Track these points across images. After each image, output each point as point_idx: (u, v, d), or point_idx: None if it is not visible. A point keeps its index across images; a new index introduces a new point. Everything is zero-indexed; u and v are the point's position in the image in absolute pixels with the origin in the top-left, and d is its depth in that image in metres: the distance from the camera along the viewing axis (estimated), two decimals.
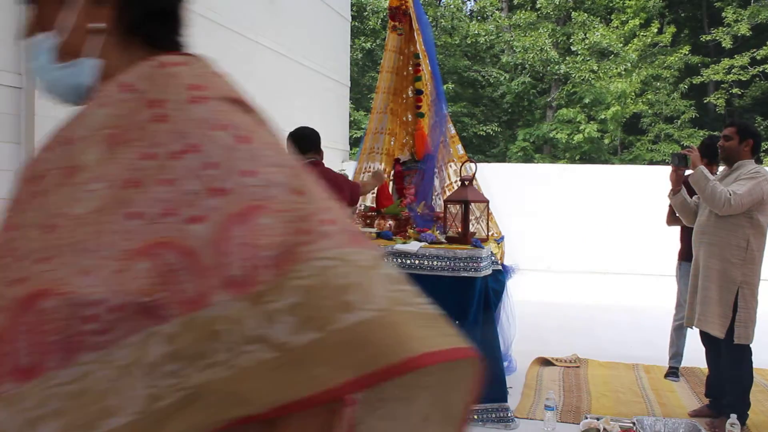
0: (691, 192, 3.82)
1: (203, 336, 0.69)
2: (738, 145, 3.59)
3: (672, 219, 4.46)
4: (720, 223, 3.52)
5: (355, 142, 13.73)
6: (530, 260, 10.15)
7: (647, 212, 4.81)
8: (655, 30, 17.87)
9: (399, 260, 3.76)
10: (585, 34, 18.01)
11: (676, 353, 4.81)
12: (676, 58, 17.66)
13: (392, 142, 5.03)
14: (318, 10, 10.85)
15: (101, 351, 0.69)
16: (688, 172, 3.69)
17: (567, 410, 3.92)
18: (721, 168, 3.80)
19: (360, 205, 4.85)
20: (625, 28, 18.23)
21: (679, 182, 3.82)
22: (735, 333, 3.44)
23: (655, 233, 7.15)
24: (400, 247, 3.76)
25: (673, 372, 4.80)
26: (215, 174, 0.74)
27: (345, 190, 3.78)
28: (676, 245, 4.63)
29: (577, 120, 17.55)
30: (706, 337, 3.79)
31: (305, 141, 3.77)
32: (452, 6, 20.19)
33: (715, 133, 4.53)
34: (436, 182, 4.59)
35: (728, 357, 3.57)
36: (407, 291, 0.78)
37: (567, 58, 18.68)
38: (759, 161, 5.18)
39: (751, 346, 3.52)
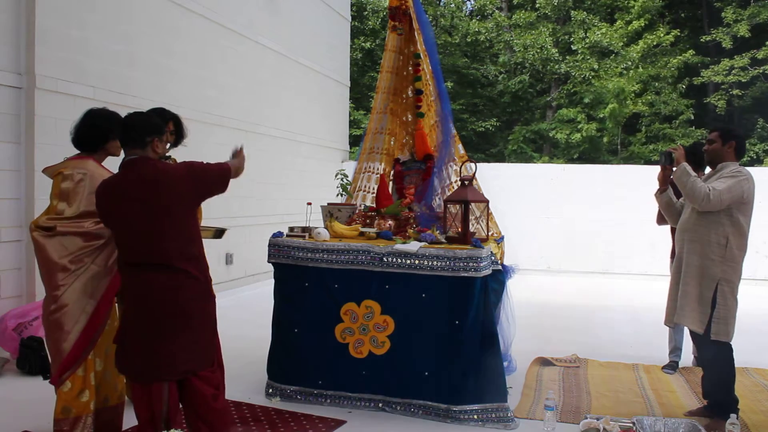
0: (680, 194, 3.88)
1: None
2: (722, 147, 3.69)
3: (661, 218, 4.57)
4: (701, 220, 3.61)
5: (354, 142, 13.72)
6: (530, 260, 10.21)
7: (647, 212, 4.84)
8: (662, 34, 17.75)
9: (399, 260, 3.76)
10: (585, 33, 17.98)
11: (675, 347, 4.96)
12: (678, 60, 17.61)
13: (392, 142, 5.02)
14: (318, 10, 10.85)
15: None
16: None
17: (567, 410, 3.92)
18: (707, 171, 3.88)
19: (360, 205, 4.84)
20: (629, 28, 18.16)
21: (667, 181, 3.92)
22: (712, 329, 3.51)
23: (655, 233, 7.15)
24: (400, 247, 3.76)
25: (671, 366, 4.88)
26: None
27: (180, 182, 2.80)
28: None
29: (577, 120, 17.54)
30: (695, 338, 3.83)
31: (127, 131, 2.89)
32: (452, 5, 20.19)
33: (701, 140, 4.67)
34: (436, 182, 4.58)
35: (706, 353, 3.68)
36: None
37: (567, 57, 18.66)
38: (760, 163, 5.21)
39: (731, 343, 3.57)
